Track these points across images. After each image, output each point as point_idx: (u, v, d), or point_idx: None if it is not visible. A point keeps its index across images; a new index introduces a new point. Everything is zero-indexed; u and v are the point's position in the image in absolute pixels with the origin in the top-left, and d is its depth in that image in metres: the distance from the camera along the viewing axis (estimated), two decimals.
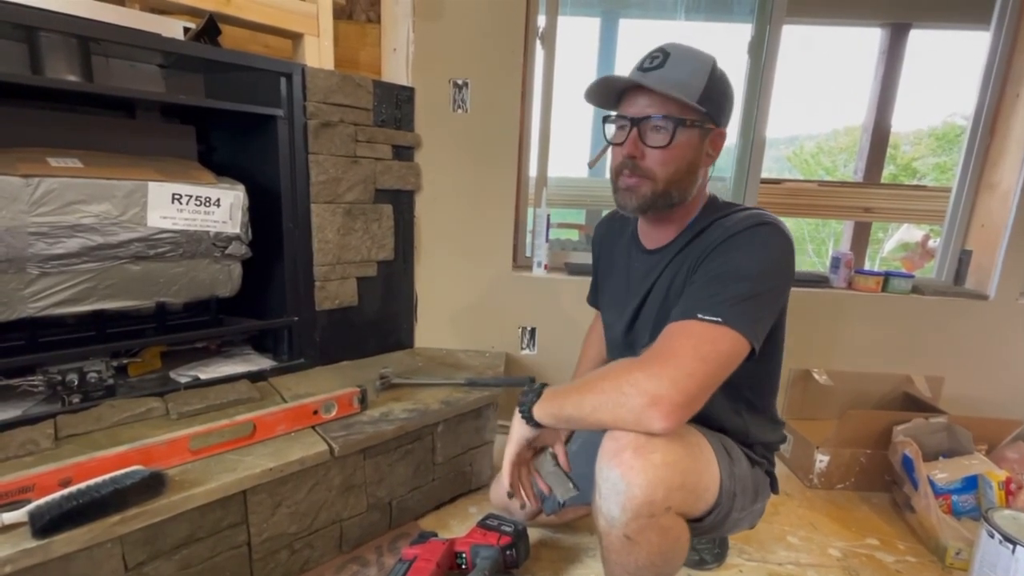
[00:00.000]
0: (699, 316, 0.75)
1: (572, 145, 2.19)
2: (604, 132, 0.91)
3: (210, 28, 1.18)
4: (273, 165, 1.32)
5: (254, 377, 1.34)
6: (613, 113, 0.89)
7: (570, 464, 0.94)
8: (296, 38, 1.34)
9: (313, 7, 1.29)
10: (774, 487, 1.00)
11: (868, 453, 1.52)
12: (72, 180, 1.04)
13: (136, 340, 1.28)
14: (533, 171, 1.80)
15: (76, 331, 1.22)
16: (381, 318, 1.60)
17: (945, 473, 1.35)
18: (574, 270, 1.79)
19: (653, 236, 0.97)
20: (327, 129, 1.35)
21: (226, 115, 1.34)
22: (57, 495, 0.80)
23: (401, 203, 1.57)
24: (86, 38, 1.12)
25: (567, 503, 1.13)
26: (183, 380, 1.30)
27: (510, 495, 0.94)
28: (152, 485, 0.87)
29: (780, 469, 1.58)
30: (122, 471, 0.87)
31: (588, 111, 2.10)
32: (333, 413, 1.18)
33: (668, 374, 0.72)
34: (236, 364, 1.42)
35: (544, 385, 0.88)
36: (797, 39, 1.98)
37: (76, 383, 1.17)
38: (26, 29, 1.07)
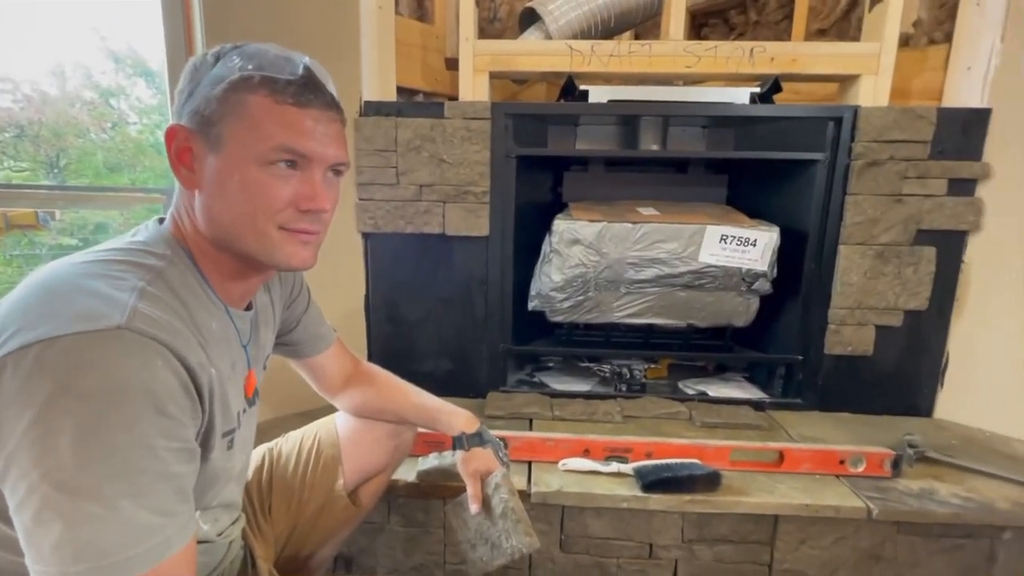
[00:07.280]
0: None
1: None
2: None
3: (773, 88, 1.32)
4: (804, 207, 1.37)
5: (754, 405, 1.42)
6: None
7: None
8: (847, 80, 1.34)
9: (875, 46, 1.26)
10: None
11: None
12: (656, 225, 1.37)
13: (663, 351, 1.58)
14: None
15: (628, 336, 1.61)
16: (897, 374, 1.40)
17: None
18: None
19: None
20: (872, 168, 1.29)
21: (754, 163, 1.48)
22: (651, 463, 1.06)
23: (948, 246, 1.33)
24: (668, 116, 1.46)
25: None
26: (690, 392, 1.52)
27: None
28: (712, 480, 1.03)
29: None
30: (689, 460, 1.07)
31: None
32: (860, 469, 1.10)
33: None
34: (733, 389, 1.54)
35: None
36: None
37: (627, 376, 1.54)
38: (632, 118, 1.48)
